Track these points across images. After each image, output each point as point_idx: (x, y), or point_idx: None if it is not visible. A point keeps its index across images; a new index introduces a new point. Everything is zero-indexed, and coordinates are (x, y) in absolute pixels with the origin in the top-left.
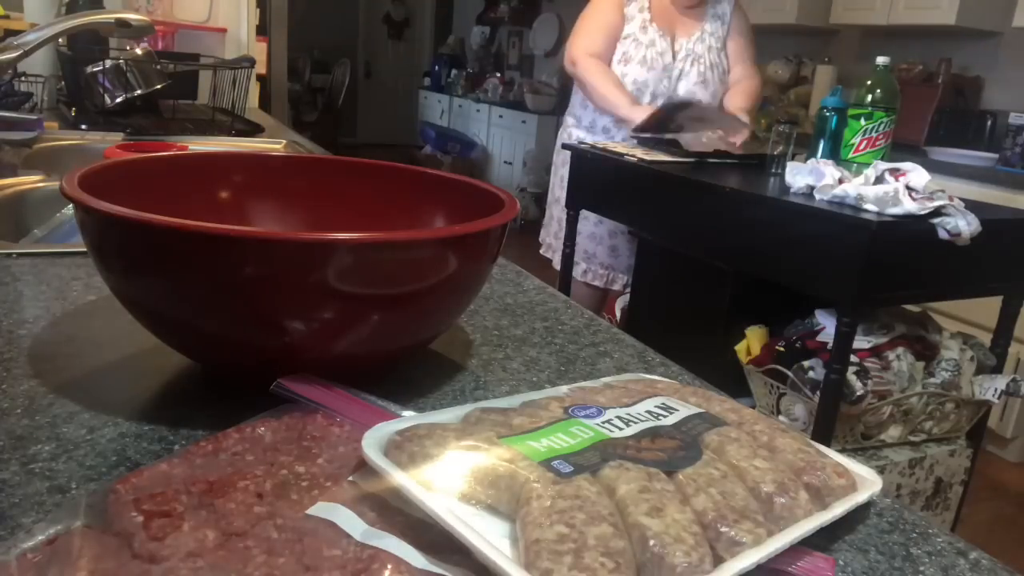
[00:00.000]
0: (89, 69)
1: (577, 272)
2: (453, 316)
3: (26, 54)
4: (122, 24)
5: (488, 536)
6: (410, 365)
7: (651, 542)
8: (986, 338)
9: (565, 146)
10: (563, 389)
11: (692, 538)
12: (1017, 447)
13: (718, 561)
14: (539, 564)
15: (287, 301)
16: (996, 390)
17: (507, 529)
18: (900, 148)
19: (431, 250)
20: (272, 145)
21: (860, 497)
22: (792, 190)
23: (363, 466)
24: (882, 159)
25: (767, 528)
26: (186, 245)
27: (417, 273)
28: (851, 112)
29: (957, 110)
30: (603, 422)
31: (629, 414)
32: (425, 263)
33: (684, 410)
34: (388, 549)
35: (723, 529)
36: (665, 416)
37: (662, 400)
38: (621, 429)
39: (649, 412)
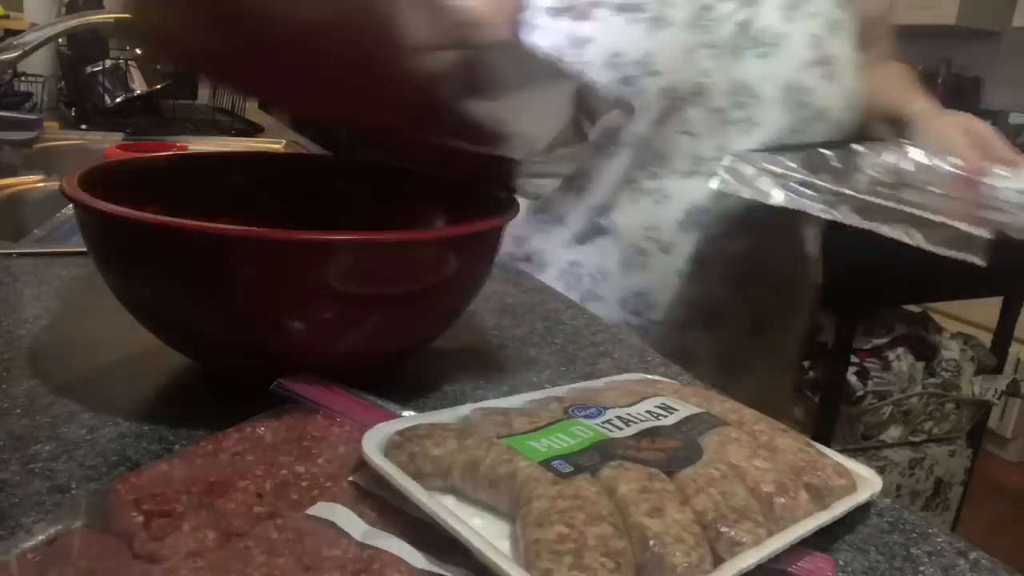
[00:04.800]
0: (89, 69)
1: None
2: (453, 317)
3: (26, 54)
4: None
5: (488, 536)
6: (410, 365)
7: (651, 542)
8: (986, 338)
9: None
10: (563, 389)
11: (692, 538)
12: (1017, 447)
13: (718, 561)
14: (539, 564)
15: (286, 301)
16: (996, 390)
17: (507, 529)
18: None
19: (431, 250)
20: (272, 145)
21: (860, 497)
22: None
23: (363, 466)
24: None
25: (767, 528)
26: (186, 245)
27: (416, 273)
28: None
29: (957, 110)
30: (603, 422)
31: (629, 414)
32: (424, 263)
33: (684, 410)
34: (388, 549)
35: (723, 529)
36: (665, 416)
37: (662, 400)
38: (621, 429)
39: (649, 412)
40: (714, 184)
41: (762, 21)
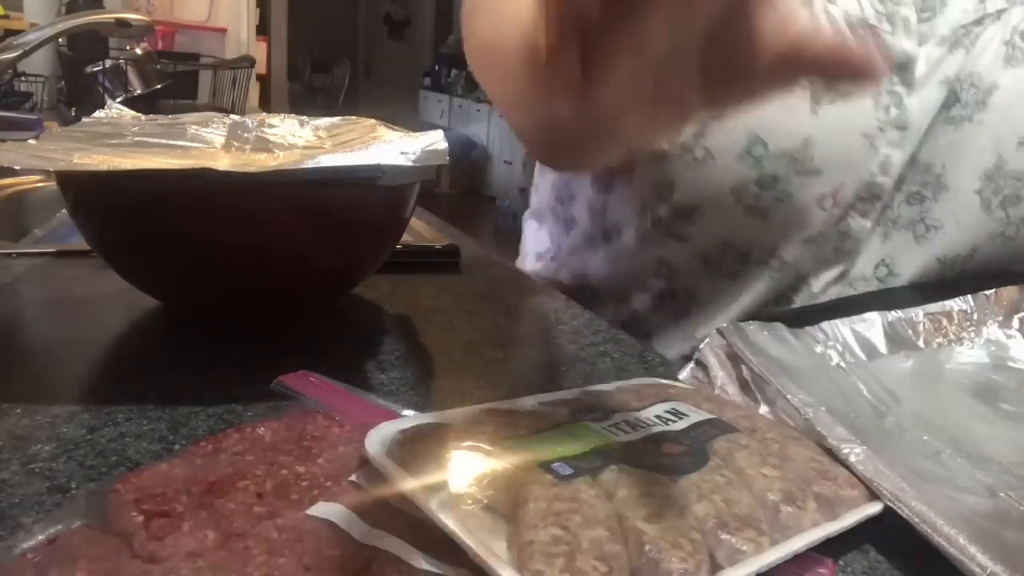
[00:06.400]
0: (89, 69)
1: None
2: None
3: (26, 54)
4: (122, 24)
5: (486, 537)
6: (410, 365)
7: (647, 547)
8: None
9: None
10: (573, 392)
11: (690, 544)
12: None
13: (716, 568)
14: (531, 566)
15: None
16: None
17: (506, 530)
18: None
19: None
20: None
21: (872, 509)
22: None
23: (364, 466)
24: None
25: (770, 537)
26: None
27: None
28: None
29: None
30: (610, 425)
31: (638, 418)
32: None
33: (695, 416)
34: (388, 549)
35: (723, 536)
36: (675, 421)
37: (672, 405)
38: (628, 433)
39: (658, 417)
40: (683, 374)
41: (972, 66)
